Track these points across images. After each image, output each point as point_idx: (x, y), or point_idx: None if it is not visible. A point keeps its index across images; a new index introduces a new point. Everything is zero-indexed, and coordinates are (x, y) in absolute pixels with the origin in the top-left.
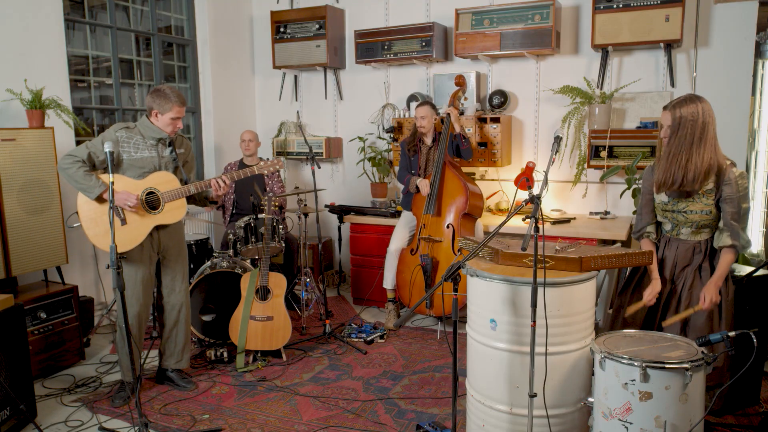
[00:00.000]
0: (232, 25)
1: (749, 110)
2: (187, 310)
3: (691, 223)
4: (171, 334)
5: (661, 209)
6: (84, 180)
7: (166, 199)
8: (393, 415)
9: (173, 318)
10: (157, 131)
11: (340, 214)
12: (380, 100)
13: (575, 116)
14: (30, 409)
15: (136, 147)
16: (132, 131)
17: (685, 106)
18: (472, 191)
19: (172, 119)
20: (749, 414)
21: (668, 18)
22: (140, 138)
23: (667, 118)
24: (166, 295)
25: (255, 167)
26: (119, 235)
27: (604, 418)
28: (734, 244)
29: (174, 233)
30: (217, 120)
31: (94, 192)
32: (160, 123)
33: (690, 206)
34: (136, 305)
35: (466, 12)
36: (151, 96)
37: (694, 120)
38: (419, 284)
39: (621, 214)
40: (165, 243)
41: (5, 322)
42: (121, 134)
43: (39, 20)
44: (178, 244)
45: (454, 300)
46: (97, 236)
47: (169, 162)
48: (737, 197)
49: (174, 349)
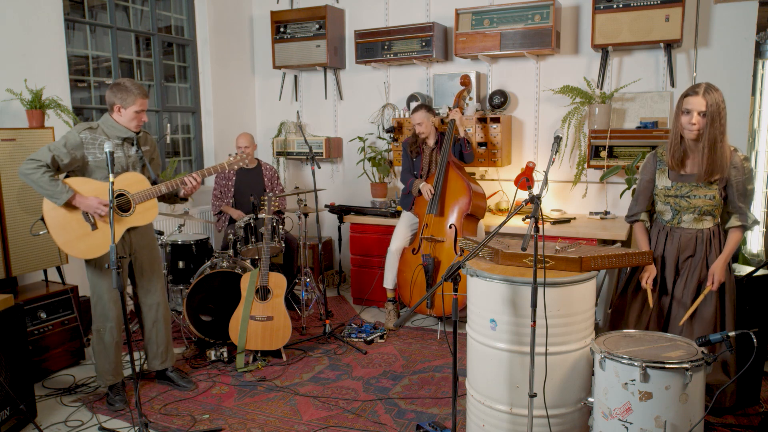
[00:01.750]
0: (232, 25)
1: (749, 110)
2: (164, 309)
3: (693, 209)
4: (151, 335)
5: (664, 195)
6: (49, 186)
7: (137, 201)
8: (393, 415)
9: (151, 318)
10: (122, 130)
11: (340, 214)
12: (380, 100)
13: (575, 116)
14: (30, 409)
15: (101, 147)
16: (96, 131)
17: (715, 93)
18: (476, 192)
19: (136, 113)
20: (749, 414)
21: (668, 18)
22: (104, 138)
23: (699, 103)
24: (141, 296)
25: (225, 163)
26: (90, 240)
27: (604, 418)
28: (743, 225)
29: (145, 234)
30: (217, 120)
31: (61, 198)
32: (123, 119)
33: (694, 191)
34: (114, 308)
35: (466, 12)
36: (111, 91)
37: (725, 108)
38: (420, 284)
39: (621, 214)
40: (136, 244)
41: (5, 322)
42: (85, 135)
43: (39, 20)
44: (150, 243)
45: (454, 300)
46: (68, 243)
47: (135, 161)
48: (743, 179)
49: (156, 351)
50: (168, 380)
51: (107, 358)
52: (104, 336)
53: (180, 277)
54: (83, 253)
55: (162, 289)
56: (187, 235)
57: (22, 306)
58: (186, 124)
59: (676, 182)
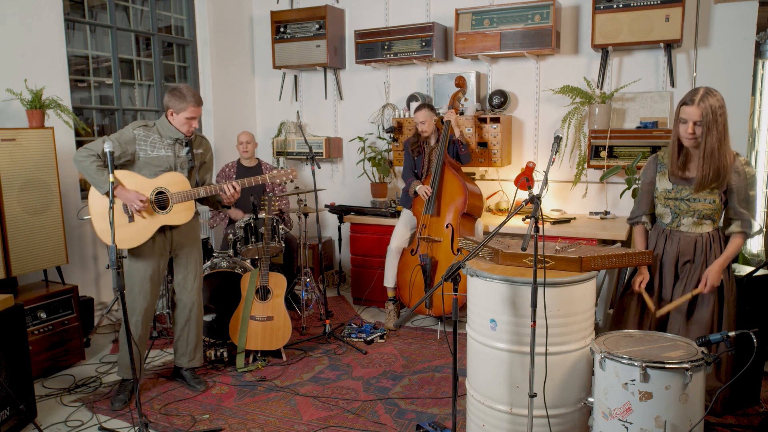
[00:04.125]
0: (232, 25)
1: (749, 110)
2: (198, 309)
3: (693, 212)
4: (182, 333)
5: (664, 197)
6: (96, 174)
7: (175, 200)
8: (393, 415)
9: (184, 316)
10: (174, 131)
11: (340, 214)
12: (380, 100)
13: (575, 116)
14: (30, 409)
15: (152, 145)
16: (150, 129)
17: (712, 98)
18: (471, 191)
19: (187, 119)
20: (749, 414)
21: (668, 18)
22: (158, 137)
23: (694, 112)
24: (178, 293)
25: (267, 176)
26: (125, 231)
27: (604, 418)
28: (744, 231)
29: (188, 233)
30: (217, 120)
31: (104, 187)
32: (175, 122)
33: (695, 194)
34: (143, 301)
35: (466, 12)
36: (168, 95)
37: (723, 113)
38: (419, 284)
39: (621, 214)
40: (178, 242)
41: (5, 322)
42: (139, 132)
43: (39, 20)
44: (192, 243)
45: (454, 300)
46: (104, 231)
47: (184, 162)
48: (744, 185)
49: (186, 348)
50: (181, 378)
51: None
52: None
53: None
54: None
55: (198, 290)
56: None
57: (22, 306)
58: None
59: (677, 185)
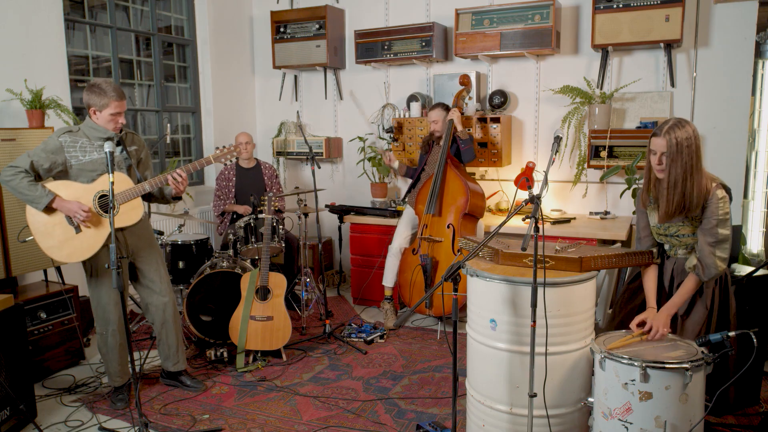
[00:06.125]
0: (232, 25)
1: (749, 110)
2: (173, 309)
3: (685, 246)
4: (161, 336)
5: (655, 233)
6: (29, 191)
7: (120, 201)
8: (393, 415)
9: (159, 319)
10: (101, 130)
11: (340, 214)
12: (380, 100)
13: (575, 116)
14: (30, 409)
15: (83, 150)
16: (76, 134)
17: (679, 131)
18: (473, 191)
19: (112, 115)
20: (749, 414)
21: (668, 18)
22: (86, 140)
23: (661, 144)
24: (146, 298)
25: (211, 156)
26: (75, 243)
27: (604, 418)
28: (698, 275)
29: (142, 234)
30: (217, 120)
31: (41, 202)
32: (100, 121)
33: (681, 230)
34: (115, 311)
35: (466, 12)
36: (87, 92)
37: (690, 145)
38: (419, 284)
39: (621, 214)
40: (133, 244)
41: (5, 322)
42: (65, 139)
43: (39, 20)
44: (148, 243)
45: (454, 300)
46: (52, 249)
47: (120, 162)
48: (716, 218)
49: (168, 352)
50: (177, 380)
51: (113, 360)
52: (107, 339)
53: (180, 277)
54: (68, 257)
55: (168, 289)
56: (187, 235)
57: (22, 306)
58: (186, 124)
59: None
